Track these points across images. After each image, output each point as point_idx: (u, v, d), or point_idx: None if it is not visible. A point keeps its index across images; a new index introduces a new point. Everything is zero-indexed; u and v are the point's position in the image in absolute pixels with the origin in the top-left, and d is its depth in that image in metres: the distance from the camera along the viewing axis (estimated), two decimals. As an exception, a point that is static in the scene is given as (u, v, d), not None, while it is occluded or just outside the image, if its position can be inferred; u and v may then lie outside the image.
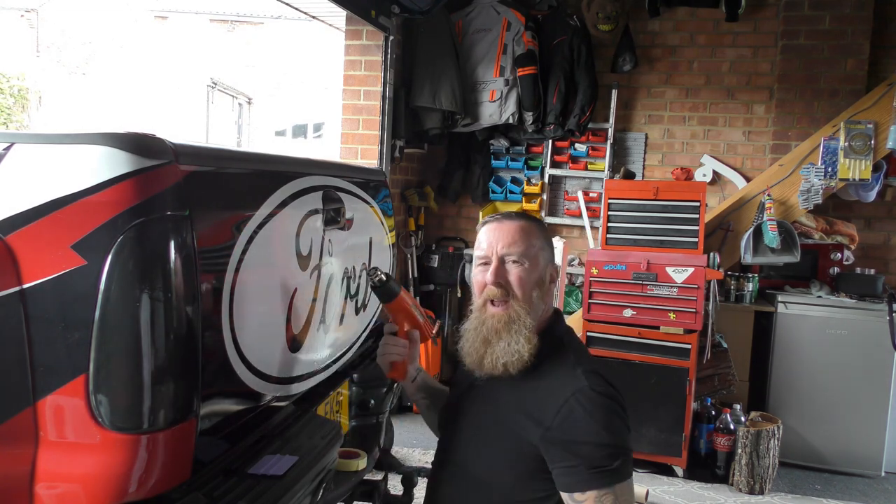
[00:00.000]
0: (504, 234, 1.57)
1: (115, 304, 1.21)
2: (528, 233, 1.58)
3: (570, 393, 1.45)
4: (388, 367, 1.77)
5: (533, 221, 1.63)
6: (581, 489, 1.41)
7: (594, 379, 1.48)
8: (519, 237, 1.56)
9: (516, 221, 1.60)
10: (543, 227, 1.65)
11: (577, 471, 1.42)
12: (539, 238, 1.60)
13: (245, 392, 1.57)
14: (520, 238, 1.56)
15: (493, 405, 1.58)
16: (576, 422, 1.43)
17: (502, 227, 1.58)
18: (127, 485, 1.24)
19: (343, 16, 4.32)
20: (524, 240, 1.56)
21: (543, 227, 1.66)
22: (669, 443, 3.72)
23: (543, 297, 1.59)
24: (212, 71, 12.63)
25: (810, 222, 4.16)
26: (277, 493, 1.45)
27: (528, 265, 1.55)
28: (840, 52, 4.28)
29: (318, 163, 2.06)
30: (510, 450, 1.52)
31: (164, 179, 1.28)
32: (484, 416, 1.60)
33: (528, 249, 1.56)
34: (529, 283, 1.55)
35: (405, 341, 1.76)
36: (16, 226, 1.24)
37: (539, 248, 1.58)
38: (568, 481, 1.43)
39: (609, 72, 4.69)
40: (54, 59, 12.22)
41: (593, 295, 3.86)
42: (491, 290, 1.55)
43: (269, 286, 1.67)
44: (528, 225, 1.60)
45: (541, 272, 1.58)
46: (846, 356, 3.92)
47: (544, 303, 1.60)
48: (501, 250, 1.56)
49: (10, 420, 1.24)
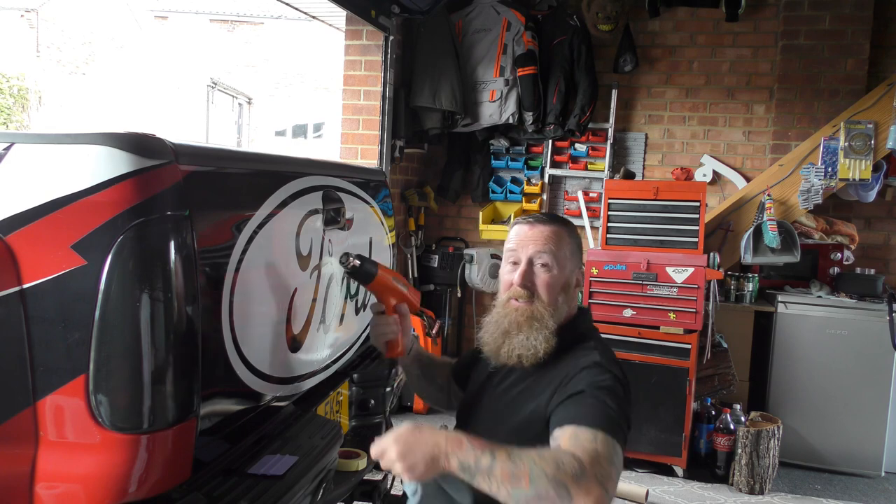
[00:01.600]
0: (536, 237, 1.60)
1: (115, 304, 1.21)
2: (560, 238, 1.61)
3: (582, 366, 1.50)
4: (384, 347, 1.78)
5: (564, 226, 1.65)
6: (559, 425, 1.37)
7: (609, 359, 1.54)
8: (550, 242, 1.59)
9: (549, 225, 1.62)
10: (574, 232, 1.67)
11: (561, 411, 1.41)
12: (569, 243, 1.63)
13: (245, 392, 1.57)
14: (551, 243, 1.59)
15: (510, 393, 1.61)
16: (578, 381, 1.45)
17: (534, 230, 1.61)
18: (127, 485, 1.24)
19: (343, 16, 4.32)
20: (555, 245, 1.59)
21: (574, 231, 1.68)
22: (669, 443, 3.72)
23: (568, 300, 1.63)
24: (212, 71, 12.63)
25: (810, 222, 4.15)
26: (277, 493, 1.45)
27: (556, 271, 1.58)
28: (840, 52, 4.27)
29: (318, 163, 2.06)
30: (522, 421, 1.54)
31: (164, 179, 1.28)
32: (501, 403, 1.63)
33: (558, 255, 1.59)
34: (555, 288, 1.58)
35: (395, 317, 1.76)
36: (16, 226, 1.24)
37: (568, 253, 1.62)
38: (554, 421, 1.41)
39: (609, 72, 4.69)
40: (54, 59, 12.23)
41: (593, 295, 3.86)
42: (516, 291, 1.59)
43: (269, 286, 1.67)
44: (560, 230, 1.62)
45: (567, 277, 1.61)
46: (846, 356, 3.92)
47: (568, 305, 1.63)
48: (531, 253, 1.59)
49: (10, 420, 1.24)
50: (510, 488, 1.21)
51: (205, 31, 13.72)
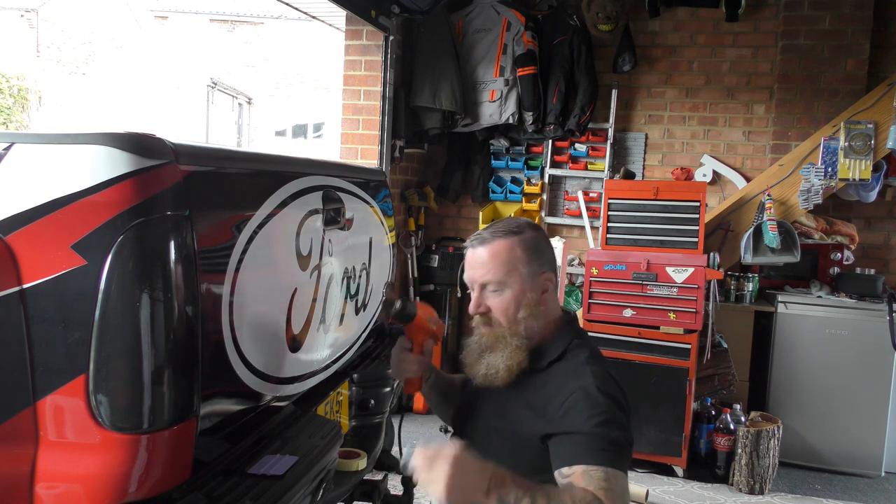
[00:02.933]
0: (479, 262, 1.56)
1: (115, 304, 1.21)
2: (503, 256, 1.53)
3: (576, 388, 1.46)
4: (403, 382, 1.80)
5: (510, 237, 1.55)
6: (568, 464, 1.38)
7: (601, 377, 1.48)
8: (493, 264, 1.53)
9: (489, 245, 1.55)
10: (530, 237, 1.57)
11: (569, 448, 1.40)
12: (518, 256, 1.54)
13: (245, 392, 1.57)
14: (493, 265, 1.53)
15: (501, 405, 1.60)
16: (577, 413, 1.43)
17: (476, 254, 1.56)
18: (127, 485, 1.24)
19: (343, 16, 4.32)
20: (498, 266, 1.53)
21: (530, 236, 1.57)
22: (669, 443, 3.72)
23: (535, 311, 1.56)
24: (212, 71, 12.63)
25: (810, 222, 4.15)
26: (277, 493, 1.45)
27: (506, 291, 1.54)
28: (840, 52, 4.27)
29: (318, 163, 2.06)
30: (516, 446, 1.52)
31: (164, 179, 1.28)
32: (493, 416, 1.61)
33: (505, 275, 1.53)
34: (510, 308, 1.54)
35: (420, 357, 1.75)
36: (16, 226, 1.24)
37: (519, 266, 1.53)
38: (559, 459, 1.41)
39: (609, 72, 4.69)
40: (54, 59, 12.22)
41: (593, 295, 3.86)
42: (476, 319, 1.60)
43: (269, 286, 1.67)
44: (504, 245, 1.54)
45: (522, 292, 1.54)
46: (846, 356, 3.92)
47: (538, 314, 1.57)
48: (478, 279, 1.56)
49: (10, 420, 1.24)
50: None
51: (205, 31, 13.72)
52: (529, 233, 1.58)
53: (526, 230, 1.58)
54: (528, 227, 1.59)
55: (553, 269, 1.60)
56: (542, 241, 1.60)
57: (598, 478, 1.32)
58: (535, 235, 1.59)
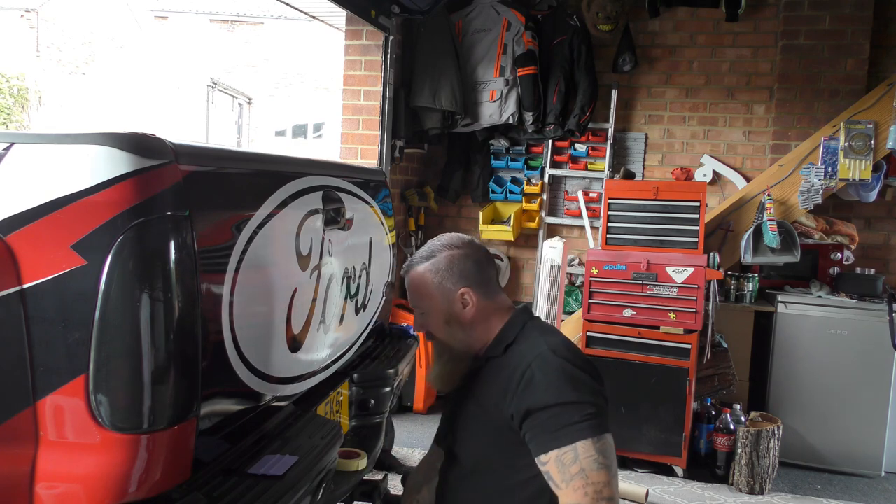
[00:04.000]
0: (407, 288, 1.71)
1: (115, 304, 1.21)
2: (416, 286, 1.67)
3: (531, 359, 1.51)
4: None
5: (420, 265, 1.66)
6: (544, 451, 1.43)
7: (554, 344, 1.54)
8: (412, 294, 1.69)
9: (408, 276, 1.69)
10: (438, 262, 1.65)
11: (538, 433, 1.45)
12: (428, 283, 1.65)
13: (245, 392, 1.57)
14: (412, 295, 1.69)
15: (472, 397, 1.65)
16: (535, 386, 1.47)
17: (405, 281, 1.71)
18: (127, 485, 1.24)
19: (343, 16, 4.32)
20: (416, 293, 1.68)
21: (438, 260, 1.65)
22: (669, 443, 3.72)
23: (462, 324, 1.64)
24: (212, 71, 12.64)
25: (810, 222, 4.15)
26: (277, 493, 1.45)
27: (429, 313, 1.66)
28: (840, 52, 4.27)
29: (318, 163, 2.06)
30: (491, 432, 1.56)
31: (164, 179, 1.28)
32: (468, 408, 1.66)
33: (421, 302, 1.67)
34: (438, 326, 1.66)
35: None
36: (16, 226, 1.24)
37: (431, 291, 1.65)
38: (534, 446, 1.46)
39: (609, 72, 4.69)
40: (54, 59, 12.22)
41: (593, 295, 3.86)
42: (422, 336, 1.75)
43: (269, 286, 1.67)
44: (415, 276, 1.67)
45: (441, 311, 1.65)
46: (846, 356, 3.91)
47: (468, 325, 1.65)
48: (410, 303, 1.73)
49: (10, 420, 1.24)
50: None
51: (205, 31, 13.72)
52: (443, 256, 1.66)
53: (439, 253, 1.67)
54: (443, 248, 1.68)
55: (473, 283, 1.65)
56: (459, 262, 1.66)
57: (569, 461, 1.39)
58: (450, 258, 1.66)
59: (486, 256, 1.72)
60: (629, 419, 3.70)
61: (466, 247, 1.69)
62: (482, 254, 1.71)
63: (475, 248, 1.70)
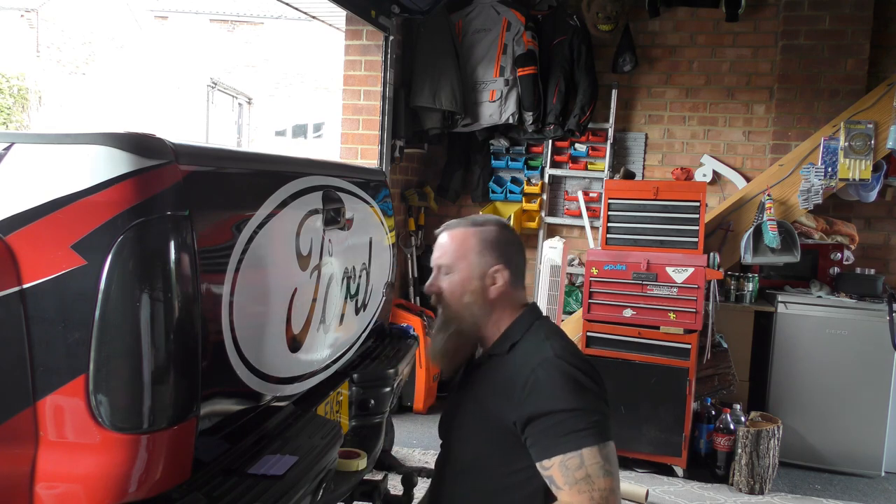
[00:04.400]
0: (438, 245, 1.66)
1: (115, 304, 1.21)
2: (457, 242, 1.62)
3: (536, 364, 1.50)
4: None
5: (469, 228, 1.63)
6: (547, 456, 1.43)
7: (559, 349, 1.52)
8: (447, 249, 1.63)
9: (452, 230, 1.64)
10: (487, 232, 1.62)
11: (542, 438, 1.44)
12: (471, 246, 1.61)
13: (245, 392, 1.57)
14: (448, 249, 1.63)
15: (472, 393, 1.64)
16: (540, 392, 1.46)
17: (441, 236, 1.66)
18: (127, 485, 1.24)
19: (343, 16, 4.32)
20: (451, 251, 1.62)
21: (488, 231, 1.63)
22: (669, 443, 3.72)
23: (480, 300, 1.60)
24: (212, 71, 12.64)
25: (810, 222, 4.15)
26: (277, 493, 1.45)
27: (455, 274, 1.61)
28: (840, 52, 4.27)
29: (318, 163, 2.06)
30: (490, 431, 1.55)
31: (164, 179, 1.28)
32: (467, 405, 1.66)
33: (454, 259, 1.61)
34: (455, 291, 1.61)
35: None
36: (16, 226, 1.24)
37: (469, 255, 1.60)
38: (536, 451, 1.45)
39: (609, 72, 4.69)
40: (54, 59, 12.23)
41: (593, 295, 3.86)
42: (432, 298, 1.68)
43: (269, 286, 1.67)
44: (461, 233, 1.63)
45: (469, 279, 1.60)
46: (846, 356, 3.91)
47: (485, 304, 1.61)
48: (435, 260, 1.65)
49: (10, 420, 1.24)
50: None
51: (205, 31, 13.73)
52: (492, 228, 1.64)
53: (490, 225, 1.64)
54: (494, 224, 1.65)
55: (510, 266, 1.62)
56: (505, 240, 1.64)
57: (574, 466, 1.38)
58: (498, 232, 1.63)
59: (523, 248, 1.70)
60: (629, 419, 3.70)
61: (511, 232, 1.69)
62: (521, 245, 1.70)
63: (517, 237, 1.70)
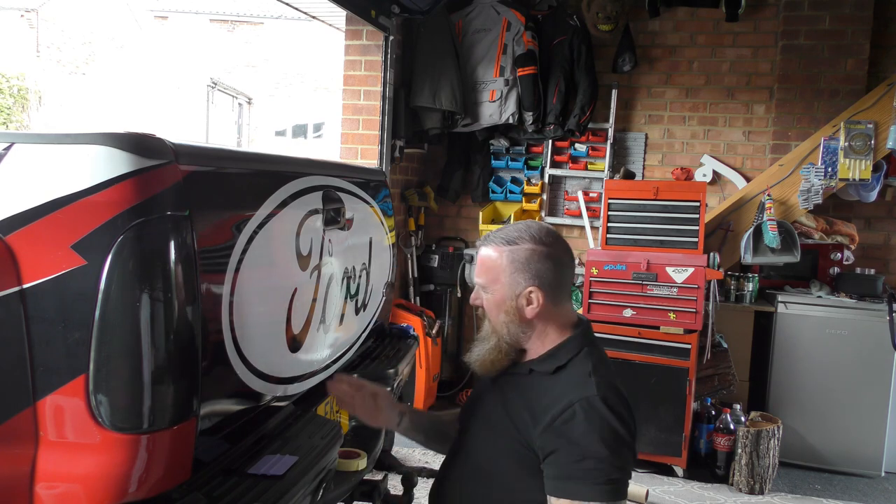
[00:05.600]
0: (477, 263, 1.66)
1: (115, 304, 1.21)
2: (488, 263, 1.59)
3: (578, 398, 1.44)
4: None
5: (501, 247, 1.57)
6: (557, 493, 1.41)
7: (605, 390, 1.46)
8: (481, 268, 1.63)
9: (485, 248, 1.61)
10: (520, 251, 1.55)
11: (560, 474, 1.42)
12: (501, 267, 1.56)
13: (245, 392, 1.57)
14: (481, 269, 1.63)
15: (504, 401, 1.61)
16: (573, 429, 1.42)
17: (478, 254, 1.65)
18: (127, 485, 1.24)
19: (343, 16, 4.32)
20: (484, 271, 1.61)
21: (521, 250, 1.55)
22: (669, 443, 3.72)
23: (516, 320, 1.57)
24: (212, 71, 12.64)
25: (810, 222, 4.15)
26: (277, 493, 1.45)
27: (490, 295, 1.61)
28: (840, 52, 4.27)
29: (318, 163, 2.06)
30: (512, 444, 1.53)
31: (164, 179, 1.28)
32: (495, 409, 1.63)
33: (487, 281, 1.60)
34: (493, 310, 1.61)
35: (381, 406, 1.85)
36: (16, 226, 1.24)
37: (500, 277, 1.56)
38: (549, 483, 1.44)
39: (609, 72, 4.69)
40: (54, 59, 12.22)
41: (593, 295, 3.86)
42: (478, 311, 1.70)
43: (269, 286, 1.67)
44: (492, 253, 1.58)
45: (502, 300, 1.57)
46: (846, 356, 3.92)
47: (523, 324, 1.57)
48: (474, 278, 1.66)
49: (10, 420, 1.24)
50: None
51: (205, 31, 13.73)
52: (526, 248, 1.55)
53: (524, 243, 1.55)
54: (529, 241, 1.55)
55: (544, 285, 1.55)
56: (538, 258, 1.55)
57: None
58: (531, 251, 1.55)
59: (569, 258, 1.61)
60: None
61: (552, 245, 1.58)
62: (566, 255, 1.60)
63: (560, 248, 1.60)
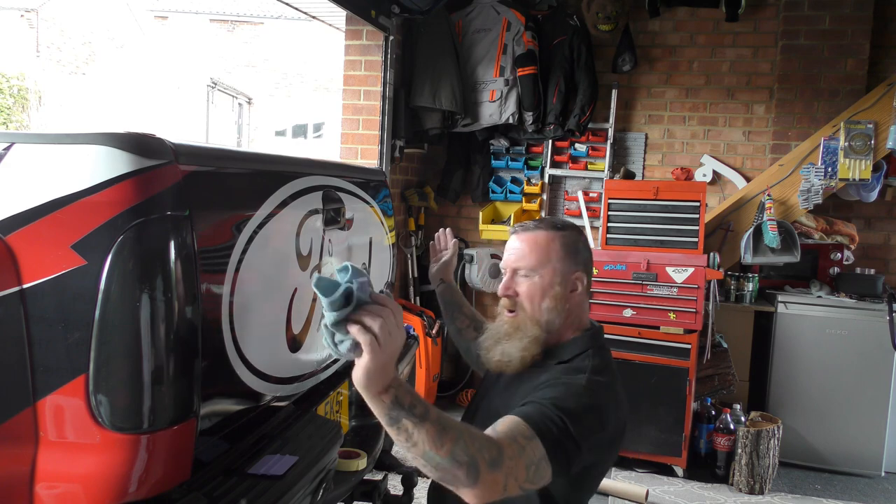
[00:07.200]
0: (516, 248, 1.60)
1: (115, 304, 1.21)
2: (540, 245, 1.57)
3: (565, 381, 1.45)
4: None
5: (552, 231, 1.59)
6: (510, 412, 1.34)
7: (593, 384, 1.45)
8: (529, 251, 1.57)
9: (533, 233, 1.59)
10: (570, 235, 1.60)
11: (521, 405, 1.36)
12: (555, 249, 1.56)
13: (245, 392, 1.57)
14: (529, 252, 1.57)
15: (508, 398, 1.60)
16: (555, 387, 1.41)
17: (518, 238, 1.60)
18: (127, 485, 1.24)
19: (343, 16, 4.32)
20: (534, 253, 1.56)
21: (570, 234, 1.60)
22: (669, 443, 3.72)
23: (559, 306, 1.55)
24: (212, 71, 12.64)
25: (810, 222, 4.15)
26: (277, 493, 1.45)
27: (536, 278, 1.55)
28: (840, 52, 4.27)
29: (318, 163, 2.06)
30: None
31: (164, 179, 1.28)
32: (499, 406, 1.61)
33: (537, 263, 1.56)
34: (536, 296, 1.55)
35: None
36: (16, 226, 1.24)
37: (553, 259, 1.56)
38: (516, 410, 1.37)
39: (609, 72, 4.69)
40: (54, 59, 12.22)
41: (593, 295, 3.85)
42: (503, 302, 1.62)
43: (269, 286, 1.67)
44: (544, 236, 1.57)
45: (551, 284, 1.55)
46: (846, 356, 3.92)
47: (562, 310, 1.56)
48: (513, 263, 1.59)
49: (10, 420, 1.24)
50: (427, 448, 1.16)
51: (205, 31, 13.73)
52: (571, 232, 1.62)
53: (569, 229, 1.62)
54: (572, 228, 1.63)
55: (588, 272, 1.60)
56: (582, 244, 1.62)
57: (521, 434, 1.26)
58: (576, 236, 1.62)
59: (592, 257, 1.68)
60: (629, 419, 3.70)
61: (586, 239, 1.66)
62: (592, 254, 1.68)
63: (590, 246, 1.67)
